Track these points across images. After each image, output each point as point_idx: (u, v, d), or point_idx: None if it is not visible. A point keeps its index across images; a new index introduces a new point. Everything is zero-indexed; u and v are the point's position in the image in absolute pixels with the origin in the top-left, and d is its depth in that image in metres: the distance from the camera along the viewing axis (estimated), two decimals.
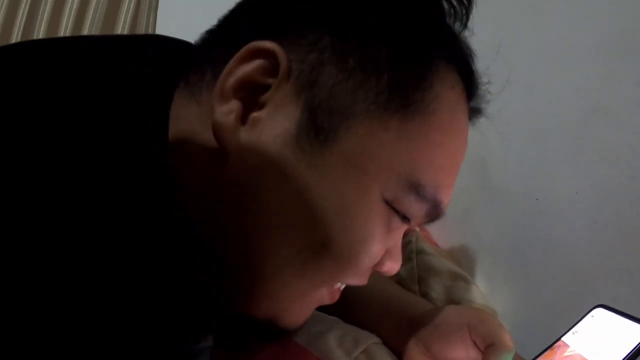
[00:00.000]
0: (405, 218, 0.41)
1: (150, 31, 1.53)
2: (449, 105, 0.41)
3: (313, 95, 0.38)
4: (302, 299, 0.42)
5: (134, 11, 1.54)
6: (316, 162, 0.37)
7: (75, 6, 1.53)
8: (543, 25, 0.66)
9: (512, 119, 0.61)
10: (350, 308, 0.53)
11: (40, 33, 1.56)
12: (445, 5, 0.43)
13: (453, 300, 0.63)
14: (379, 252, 0.41)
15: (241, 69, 0.38)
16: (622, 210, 0.58)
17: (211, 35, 0.45)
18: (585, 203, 0.61)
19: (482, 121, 0.47)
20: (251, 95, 0.39)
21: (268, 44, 0.38)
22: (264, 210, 0.38)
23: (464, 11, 0.43)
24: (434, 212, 0.42)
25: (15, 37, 1.58)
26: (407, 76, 0.39)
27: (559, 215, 0.63)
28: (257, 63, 0.38)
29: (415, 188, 0.39)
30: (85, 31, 1.53)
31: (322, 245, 0.38)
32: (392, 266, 0.43)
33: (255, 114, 0.38)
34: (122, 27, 1.55)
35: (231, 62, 0.38)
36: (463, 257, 0.72)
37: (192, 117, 0.40)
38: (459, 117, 0.42)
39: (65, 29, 1.54)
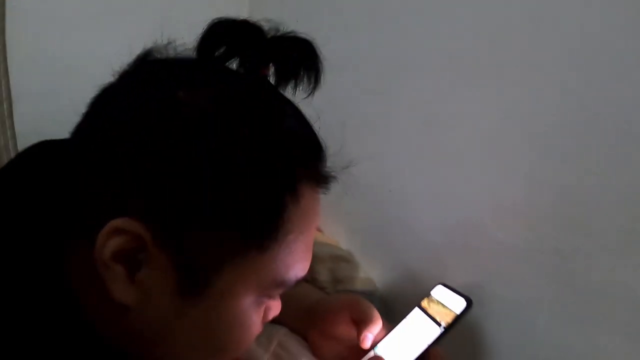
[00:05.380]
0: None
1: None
2: (304, 216, 0.43)
3: (184, 258, 0.40)
4: None
5: None
6: (200, 305, 0.42)
7: None
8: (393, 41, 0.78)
9: (371, 127, 0.74)
10: None
11: None
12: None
13: (338, 279, 0.77)
14: (259, 326, 0.48)
15: (112, 243, 0.39)
16: (457, 200, 0.74)
17: (75, 170, 0.43)
18: (429, 195, 0.76)
19: (347, 132, 0.54)
20: (131, 256, 0.40)
21: (130, 225, 0.39)
22: (169, 348, 0.44)
23: (308, 75, 0.46)
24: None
25: None
26: (260, 228, 0.41)
27: (409, 203, 0.78)
28: (123, 238, 0.39)
29: (281, 284, 0.45)
30: None
31: (219, 353, 0.46)
32: (275, 314, 0.51)
33: (139, 274, 0.40)
34: None
35: (100, 238, 0.39)
36: (341, 239, 0.86)
37: (84, 266, 0.41)
38: (314, 212, 0.45)
39: None
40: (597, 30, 0.58)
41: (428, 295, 0.64)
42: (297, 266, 0.45)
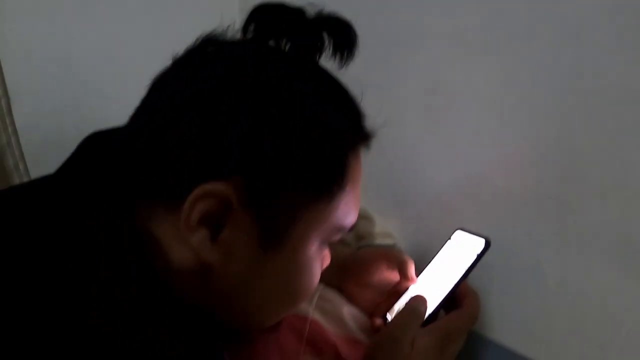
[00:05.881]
0: None
1: None
2: (358, 168, 0.50)
3: (266, 215, 0.44)
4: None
5: None
6: (277, 255, 0.46)
7: None
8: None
9: (384, 92, 0.79)
10: None
11: None
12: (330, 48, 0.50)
13: (360, 235, 0.83)
14: (319, 274, 0.53)
15: (199, 207, 0.42)
16: (466, 156, 0.80)
17: (141, 145, 0.46)
18: (439, 152, 0.82)
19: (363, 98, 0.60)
20: (214, 218, 0.43)
21: (218, 187, 0.42)
22: (249, 300, 0.49)
23: (346, 53, 0.51)
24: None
25: None
26: (331, 183, 0.47)
27: (418, 160, 0.86)
28: (210, 201, 0.42)
29: (340, 229, 0.50)
30: None
31: (293, 299, 0.52)
32: (327, 263, 0.57)
33: (222, 235, 0.44)
34: None
35: (187, 205, 0.42)
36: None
37: (167, 238, 0.45)
38: (361, 165, 0.51)
39: None
40: (591, 5, 0.64)
41: (448, 239, 0.71)
42: (352, 212, 0.51)
